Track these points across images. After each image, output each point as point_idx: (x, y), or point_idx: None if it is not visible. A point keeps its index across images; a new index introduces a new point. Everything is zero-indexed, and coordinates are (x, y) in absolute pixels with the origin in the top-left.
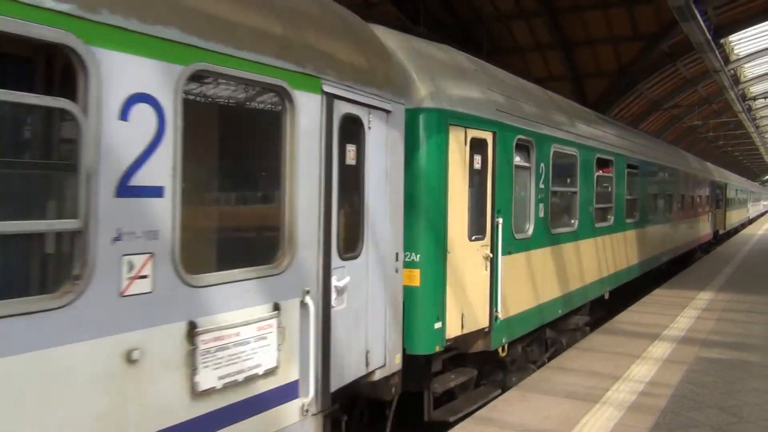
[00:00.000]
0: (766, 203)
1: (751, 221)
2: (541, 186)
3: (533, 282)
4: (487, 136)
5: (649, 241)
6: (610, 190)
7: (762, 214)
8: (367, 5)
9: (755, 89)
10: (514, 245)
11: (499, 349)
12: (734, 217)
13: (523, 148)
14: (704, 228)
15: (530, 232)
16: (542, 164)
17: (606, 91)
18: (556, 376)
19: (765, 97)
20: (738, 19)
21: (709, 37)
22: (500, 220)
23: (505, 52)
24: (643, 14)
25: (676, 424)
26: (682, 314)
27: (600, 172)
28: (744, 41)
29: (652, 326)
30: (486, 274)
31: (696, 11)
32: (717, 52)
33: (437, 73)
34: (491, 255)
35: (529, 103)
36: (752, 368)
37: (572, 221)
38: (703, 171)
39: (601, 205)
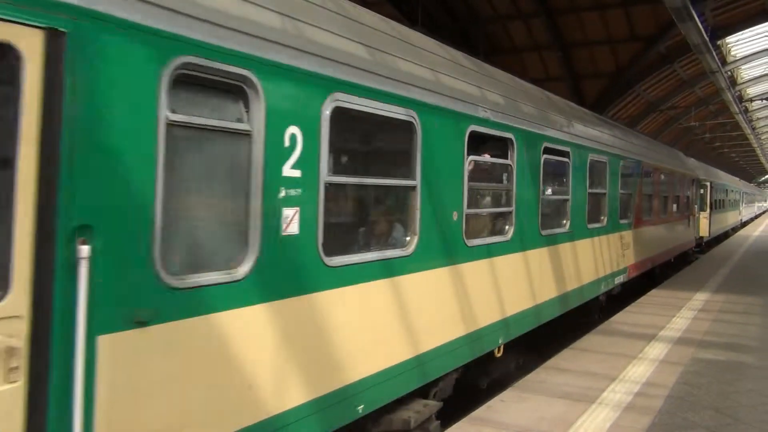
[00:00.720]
0: (762, 205)
1: (744, 224)
2: (294, 174)
3: (275, 363)
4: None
5: (590, 259)
6: (505, 186)
7: (756, 216)
8: (364, 4)
9: (752, 91)
10: (162, 301)
11: None
12: (722, 220)
13: (220, 90)
14: (681, 236)
15: (246, 269)
16: (296, 130)
17: (603, 92)
18: (552, 376)
19: (762, 99)
20: (735, 20)
21: (707, 39)
22: (85, 251)
23: (503, 53)
24: (641, 15)
25: (671, 425)
26: (678, 315)
27: (484, 157)
28: (741, 43)
29: (649, 327)
30: None
31: (693, 12)
32: (714, 53)
33: None
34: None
35: None
36: (748, 369)
37: (405, 239)
38: (681, 166)
39: (484, 211)
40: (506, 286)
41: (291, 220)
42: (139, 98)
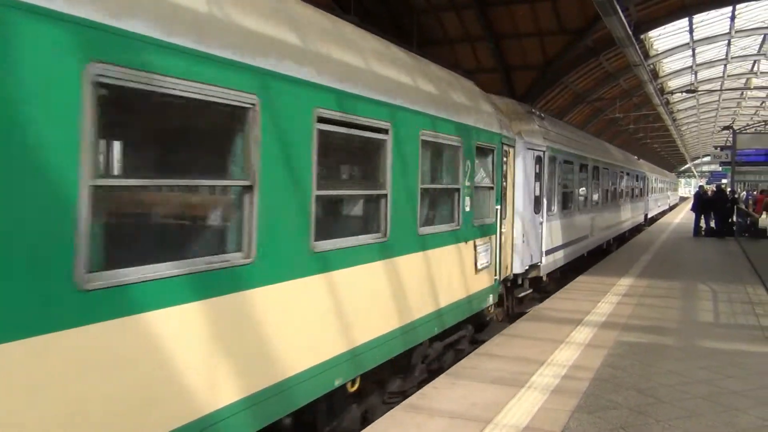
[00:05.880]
0: (668, 194)
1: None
2: None
3: None
4: None
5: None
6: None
7: (648, 222)
8: None
9: (673, 84)
10: None
11: None
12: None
13: None
14: None
15: None
16: None
17: (533, 83)
18: (483, 362)
19: (681, 92)
20: (657, 15)
21: (630, 33)
22: None
23: (436, 44)
24: (568, 9)
25: (596, 407)
26: (604, 300)
27: None
28: (663, 37)
29: (575, 312)
30: None
31: (618, 6)
32: (637, 47)
33: None
34: None
35: None
36: (668, 351)
37: None
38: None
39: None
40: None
41: None
42: None
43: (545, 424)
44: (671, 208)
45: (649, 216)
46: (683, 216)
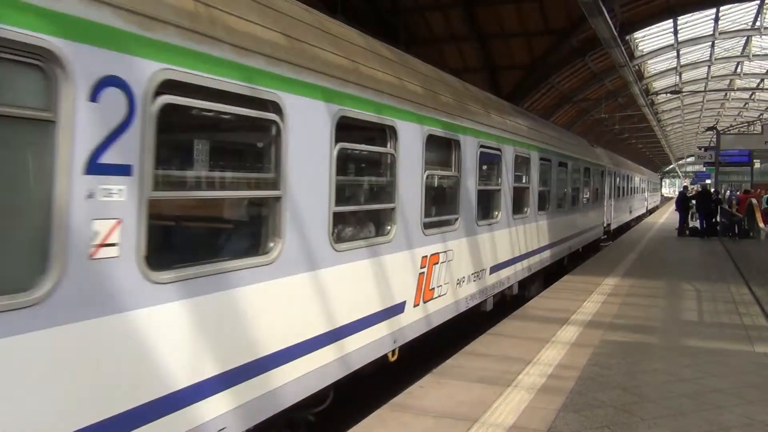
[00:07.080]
0: (646, 196)
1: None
2: None
3: None
4: None
5: None
6: None
7: (607, 236)
8: None
9: (657, 84)
10: None
11: None
12: None
13: None
14: None
15: None
16: None
17: (519, 83)
18: (470, 361)
19: (666, 93)
20: (643, 16)
21: (615, 33)
22: None
23: (422, 43)
24: (554, 9)
25: (582, 405)
26: (589, 299)
27: None
28: (648, 38)
29: (562, 311)
30: None
31: (603, 7)
32: (622, 47)
33: None
34: None
35: None
36: (652, 350)
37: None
38: None
39: None
40: None
41: None
42: None
43: (532, 423)
44: (650, 212)
45: (614, 226)
46: (667, 216)
